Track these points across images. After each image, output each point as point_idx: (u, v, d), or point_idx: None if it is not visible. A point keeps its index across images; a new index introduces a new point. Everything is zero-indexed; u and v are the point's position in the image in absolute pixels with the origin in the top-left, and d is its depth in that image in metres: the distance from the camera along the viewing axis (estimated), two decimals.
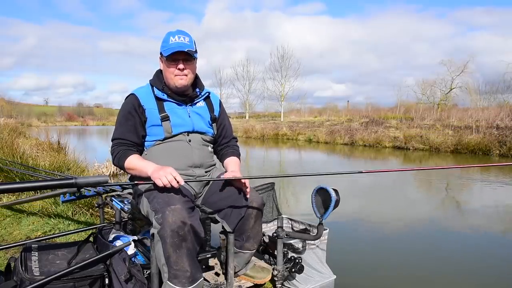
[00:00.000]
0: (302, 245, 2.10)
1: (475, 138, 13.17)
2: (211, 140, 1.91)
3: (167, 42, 1.71)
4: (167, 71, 1.74)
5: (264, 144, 19.05)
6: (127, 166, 1.69)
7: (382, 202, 5.92)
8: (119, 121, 1.78)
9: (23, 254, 1.67)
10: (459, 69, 30.69)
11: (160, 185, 1.54)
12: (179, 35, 1.72)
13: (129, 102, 1.77)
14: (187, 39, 1.72)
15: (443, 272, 3.06)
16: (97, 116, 69.77)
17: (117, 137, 1.75)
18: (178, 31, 1.75)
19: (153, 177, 1.57)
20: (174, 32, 1.73)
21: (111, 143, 1.78)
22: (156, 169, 1.58)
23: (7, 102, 45.78)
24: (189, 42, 1.72)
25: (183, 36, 1.72)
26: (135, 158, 1.70)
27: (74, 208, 3.49)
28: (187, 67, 1.74)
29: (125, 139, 1.74)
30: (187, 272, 1.47)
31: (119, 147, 1.73)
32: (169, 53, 1.68)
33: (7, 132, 7.86)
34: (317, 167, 10.56)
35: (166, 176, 1.53)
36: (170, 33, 1.74)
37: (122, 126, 1.75)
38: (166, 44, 1.71)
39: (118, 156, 1.71)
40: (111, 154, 1.76)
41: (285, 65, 34.76)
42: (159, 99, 1.77)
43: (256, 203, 1.77)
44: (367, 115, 24.80)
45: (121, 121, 1.76)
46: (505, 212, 5.36)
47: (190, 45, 1.72)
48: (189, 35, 1.75)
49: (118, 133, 1.76)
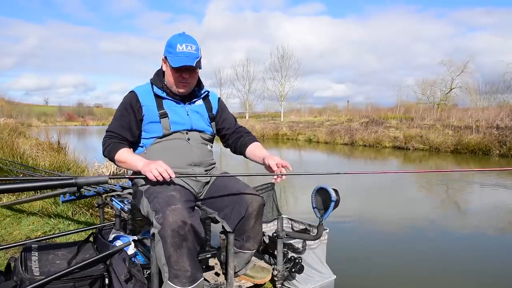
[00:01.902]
0: (302, 245, 2.10)
1: (475, 138, 13.17)
2: (210, 138, 1.91)
3: (174, 49, 1.69)
4: (171, 77, 1.75)
5: (264, 144, 18.87)
6: (117, 159, 1.70)
7: (382, 202, 5.92)
8: (115, 116, 1.81)
9: (23, 254, 1.67)
10: (459, 69, 30.71)
11: (151, 178, 1.55)
12: (186, 44, 1.68)
13: (127, 99, 1.78)
14: (194, 48, 1.70)
15: (443, 272, 3.06)
16: (97, 116, 69.76)
17: (110, 130, 1.77)
18: (185, 37, 1.72)
19: (144, 170, 1.58)
20: (182, 39, 1.70)
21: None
22: (146, 163, 1.60)
23: (7, 102, 45.77)
24: (195, 50, 1.70)
25: (190, 45, 1.69)
26: (126, 151, 1.71)
27: (74, 208, 3.49)
28: (192, 76, 1.75)
29: (117, 133, 1.75)
30: (188, 272, 1.47)
31: (111, 139, 1.75)
32: (178, 66, 1.67)
33: (7, 132, 7.86)
34: (317, 167, 10.56)
35: (157, 169, 1.54)
36: (177, 39, 1.70)
37: (116, 121, 1.77)
38: (173, 51, 1.69)
39: (109, 148, 1.73)
40: (102, 144, 1.78)
41: (285, 65, 34.76)
42: (158, 97, 1.79)
43: (256, 203, 1.77)
44: (367, 115, 24.80)
45: (116, 116, 1.79)
46: (505, 212, 5.36)
47: (197, 54, 1.70)
48: (195, 42, 1.72)
49: (112, 126, 1.78)
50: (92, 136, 25.54)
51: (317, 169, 9.92)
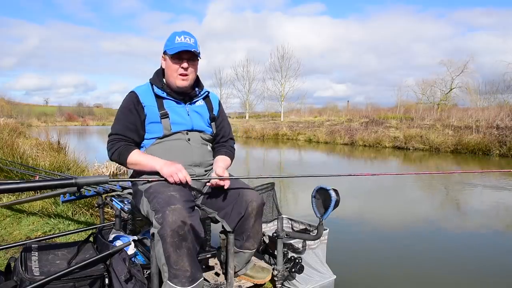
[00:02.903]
0: (302, 245, 2.10)
1: (475, 138, 13.17)
2: (210, 139, 1.92)
3: (173, 41, 1.74)
4: (170, 69, 1.76)
5: (264, 144, 19.05)
6: (130, 161, 1.69)
7: (383, 202, 5.92)
8: (118, 117, 1.79)
9: (23, 254, 1.67)
10: (459, 69, 30.72)
11: (172, 182, 1.59)
12: (185, 36, 1.75)
13: (129, 99, 1.78)
14: (192, 40, 1.76)
15: (443, 272, 3.06)
16: (97, 116, 69.71)
17: (115, 133, 1.75)
18: (184, 32, 1.78)
19: (165, 173, 1.60)
20: (180, 33, 1.77)
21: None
22: (166, 165, 1.61)
23: (7, 102, 45.72)
24: (193, 43, 1.76)
25: (188, 37, 1.75)
26: (138, 153, 1.72)
27: (74, 208, 3.49)
28: (191, 66, 1.77)
29: (124, 135, 1.74)
30: (187, 271, 1.47)
31: (119, 142, 1.73)
32: (176, 52, 1.71)
33: (7, 132, 7.86)
34: (317, 167, 10.56)
35: (178, 174, 1.59)
36: (176, 33, 1.77)
37: (121, 123, 1.76)
38: (172, 43, 1.74)
39: (119, 151, 1.71)
40: (108, 149, 1.76)
41: (285, 65, 34.79)
42: (158, 97, 1.79)
43: (256, 203, 1.77)
44: (367, 115, 24.78)
45: (120, 117, 1.77)
46: (505, 213, 5.36)
47: (195, 46, 1.75)
48: (194, 36, 1.79)
49: (117, 128, 1.76)
50: (92, 136, 25.54)
51: (317, 169, 9.93)
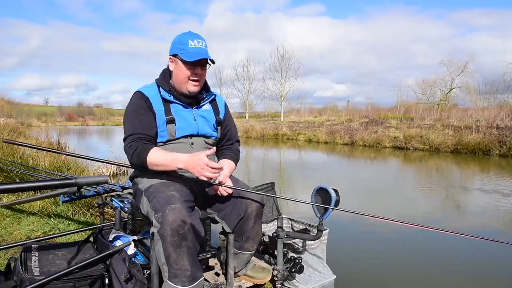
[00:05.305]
0: (302, 245, 2.10)
1: (475, 138, 13.18)
2: (214, 143, 1.88)
3: (186, 45, 1.68)
4: (183, 74, 1.70)
5: (264, 144, 19.04)
6: (151, 161, 1.59)
7: (383, 202, 5.92)
8: (129, 117, 1.70)
9: (23, 254, 1.67)
10: (459, 69, 30.67)
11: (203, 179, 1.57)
12: (198, 40, 1.70)
13: (140, 98, 1.71)
14: (204, 44, 1.71)
15: (442, 272, 3.07)
16: (97, 116, 69.58)
17: (131, 133, 1.64)
18: (195, 34, 1.72)
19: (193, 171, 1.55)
20: (192, 36, 1.70)
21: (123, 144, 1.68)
22: (191, 162, 1.55)
23: (7, 102, 45.70)
24: (205, 47, 1.71)
25: (201, 41, 1.70)
26: (158, 151, 1.61)
27: (74, 208, 3.49)
28: (203, 73, 1.74)
29: (142, 133, 1.64)
30: (187, 271, 1.47)
31: (136, 142, 1.62)
32: (193, 60, 1.65)
33: (7, 132, 7.87)
34: (317, 167, 10.56)
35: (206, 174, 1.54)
36: (187, 36, 1.70)
37: (137, 121, 1.67)
38: (185, 47, 1.68)
39: (138, 152, 1.60)
40: (126, 152, 1.65)
41: (285, 65, 34.72)
42: (165, 101, 1.74)
43: (256, 204, 1.77)
44: (367, 115, 24.77)
45: (132, 117, 1.68)
46: (505, 213, 5.36)
47: (207, 51, 1.71)
48: (204, 39, 1.73)
49: (131, 128, 1.66)
50: (92, 136, 25.54)
51: (317, 169, 9.92)
